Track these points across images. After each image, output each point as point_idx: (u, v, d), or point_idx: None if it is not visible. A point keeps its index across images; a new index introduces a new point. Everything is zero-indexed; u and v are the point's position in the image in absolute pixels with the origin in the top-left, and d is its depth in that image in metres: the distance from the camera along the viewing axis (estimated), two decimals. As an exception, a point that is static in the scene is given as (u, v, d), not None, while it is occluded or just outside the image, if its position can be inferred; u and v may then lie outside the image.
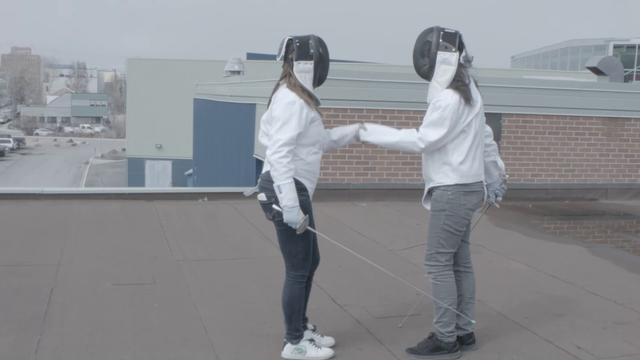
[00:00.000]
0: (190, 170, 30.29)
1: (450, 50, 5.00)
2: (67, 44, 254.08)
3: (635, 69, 49.52)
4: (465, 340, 5.32)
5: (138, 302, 6.23)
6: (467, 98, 4.97)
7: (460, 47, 5.03)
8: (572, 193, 13.44)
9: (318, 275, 5.20)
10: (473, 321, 5.34)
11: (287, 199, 4.67)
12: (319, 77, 4.99)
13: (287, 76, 4.93)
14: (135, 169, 46.54)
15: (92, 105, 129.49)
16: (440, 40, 5.01)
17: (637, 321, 6.16)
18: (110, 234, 8.97)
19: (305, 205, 4.84)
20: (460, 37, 5.03)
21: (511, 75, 36.82)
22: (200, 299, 6.37)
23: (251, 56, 44.27)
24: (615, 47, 52.21)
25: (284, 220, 4.73)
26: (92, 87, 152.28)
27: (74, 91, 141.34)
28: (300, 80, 4.89)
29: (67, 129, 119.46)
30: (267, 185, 4.84)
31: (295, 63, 4.88)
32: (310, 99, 4.91)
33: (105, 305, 6.10)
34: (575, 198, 13.41)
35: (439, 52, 5.01)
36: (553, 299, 6.74)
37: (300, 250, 4.96)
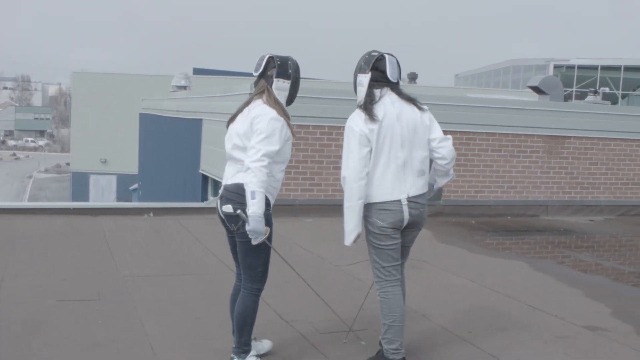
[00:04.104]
0: (135, 185, 30.01)
1: (364, 72, 5.15)
2: (11, 56, 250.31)
3: (574, 89, 50.44)
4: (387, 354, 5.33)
5: (83, 318, 6.18)
6: (370, 114, 5.02)
7: (378, 68, 5.12)
8: (514, 209, 13.66)
9: (265, 291, 5.23)
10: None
11: (258, 207, 4.70)
12: (290, 98, 5.15)
13: (266, 92, 5.05)
14: (80, 184, 45.88)
15: (36, 118, 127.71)
16: (362, 64, 5.18)
17: (577, 335, 6.30)
18: (55, 250, 8.88)
19: (268, 219, 4.90)
20: (378, 59, 5.14)
21: (455, 93, 37.27)
22: (147, 315, 6.34)
23: (198, 71, 44.07)
24: (556, 67, 53.14)
25: (248, 229, 4.74)
26: (37, 100, 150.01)
27: (17, 104, 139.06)
28: (278, 97, 5.05)
29: (10, 142, 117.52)
30: (234, 197, 4.90)
31: (275, 80, 5.04)
32: (286, 116, 5.02)
33: (51, 322, 6.04)
34: (517, 214, 13.63)
35: (358, 75, 5.20)
36: (496, 313, 6.86)
37: (261, 263, 5.03)
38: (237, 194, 4.89)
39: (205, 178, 15.93)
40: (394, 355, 5.12)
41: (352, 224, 5.04)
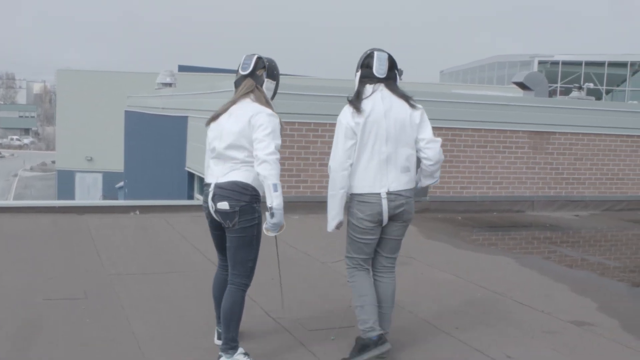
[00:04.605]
0: (121, 183, 29.94)
1: (357, 70, 5.38)
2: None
3: (559, 84, 50.63)
4: (371, 342, 5.34)
5: (70, 317, 6.15)
6: (356, 108, 5.20)
7: (367, 65, 5.31)
8: (500, 205, 13.69)
9: (251, 289, 5.24)
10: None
11: (281, 199, 4.86)
12: (272, 97, 5.34)
13: (256, 91, 5.17)
14: (65, 182, 45.69)
15: (21, 116, 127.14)
16: (359, 62, 5.38)
17: (564, 330, 6.33)
18: (41, 248, 8.84)
19: (259, 215, 5.09)
20: (367, 55, 5.35)
21: (440, 90, 37.34)
22: (134, 313, 6.33)
23: (183, 68, 43.94)
24: (540, 62, 53.27)
25: (274, 221, 4.89)
26: (21, 98, 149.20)
27: (2, 102, 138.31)
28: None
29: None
30: (230, 194, 4.96)
31: (265, 80, 5.23)
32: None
33: (37, 321, 6.01)
34: (503, 210, 13.67)
35: (356, 74, 5.40)
36: (483, 309, 6.88)
37: (252, 258, 5.12)
38: (233, 192, 4.96)
39: (191, 175, 15.90)
40: (369, 334, 5.22)
41: (334, 212, 5.26)
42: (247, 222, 5.00)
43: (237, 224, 4.98)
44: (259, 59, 5.25)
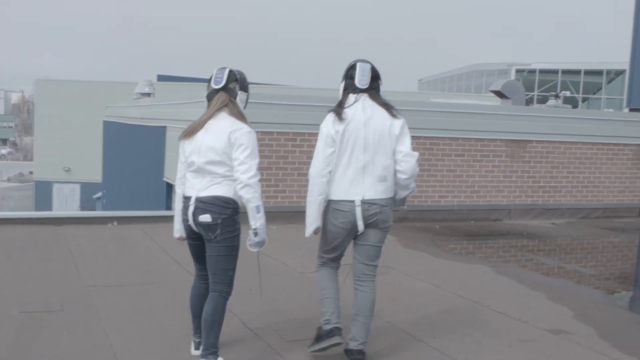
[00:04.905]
0: (99, 194, 29.80)
1: (342, 80, 5.56)
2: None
3: (536, 93, 50.95)
4: (347, 353, 5.49)
5: (47, 329, 6.12)
6: (337, 113, 5.38)
7: (351, 76, 5.49)
8: (478, 214, 13.77)
9: (229, 300, 5.26)
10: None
11: (263, 220, 5.15)
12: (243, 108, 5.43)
13: (230, 104, 5.26)
14: (43, 193, 45.40)
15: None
16: (344, 73, 5.58)
17: (540, 338, 6.37)
18: (18, 260, 8.79)
19: (238, 226, 5.26)
20: (351, 67, 5.52)
21: (418, 99, 37.45)
22: (111, 325, 6.31)
23: (162, 78, 43.89)
24: (517, 71, 53.59)
25: (258, 240, 5.16)
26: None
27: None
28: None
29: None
30: (212, 208, 5.09)
31: (239, 92, 5.33)
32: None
33: (14, 333, 5.98)
34: (480, 219, 13.75)
35: (341, 84, 5.58)
36: (460, 318, 6.92)
37: (232, 267, 5.27)
38: (215, 205, 5.10)
39: (169, 186, 15.86)
40: (325, 325, 5.50)
41: (312, 218, 5.46)
42: (229, 233, 5.15)
43: (219, 236, 5.12)
44: (231, 72, 5.33)
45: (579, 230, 13.24)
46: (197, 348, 5.49)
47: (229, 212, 5.12)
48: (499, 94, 16.07)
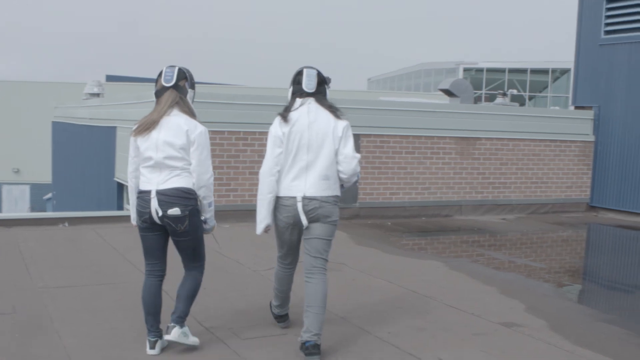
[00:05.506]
0: (50, 195, 29.42)
1: (290, 86, 5.89)
2: None
3: (483, 91, 51.38)
4: (302, 348, 5.55)
5: (-3, 332, 6.04)
6: (284, 116, 5.69)
7: (297, 81, 5.82)
8: (429, 210, 13.87)
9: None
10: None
11: (213, 211, 5.66)
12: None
13: (181, 102, 5.48)
14: (-8, 195, 44.72)
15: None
16: (292, 79, 5.89)
17: (493, 332, 6.44)
18: (-36, 263, 8.64)
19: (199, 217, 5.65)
20: (298, 73, 5.83)
21: (368, 97, 37.63)
22: (64, 326, 6.22)
23: (110, 78, 43.47)
24: (465, 70, 54.03)
25: (212, 224, 5.70)
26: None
27: None
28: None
29: None
30: (178, 200, 5.36)
31: (189, 90, 5.57)
32: None
33: (-38, 337, 5.88)
34: (431, 215, 13.85)
35: (289, 90, 5.91)
36: (414, 313, 6.96)
37: (203, 244, 5.70)
38: (180, 197, 5.37)
39: (120, 186, 15.72)
40: (274, 310, 6.30)
41: (261, 215, 5.74)
42: (196, 222, 5.51)
43: (188, 226, 5.41)
44: (180, 70, 5.52)
45: (528, 225, 13.41)
46: (152, 347, 5.48)
47: (193, 202, 5.42)
48: (448, 92, 16.20)
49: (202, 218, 5.59)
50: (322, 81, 5.83)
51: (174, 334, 5.50)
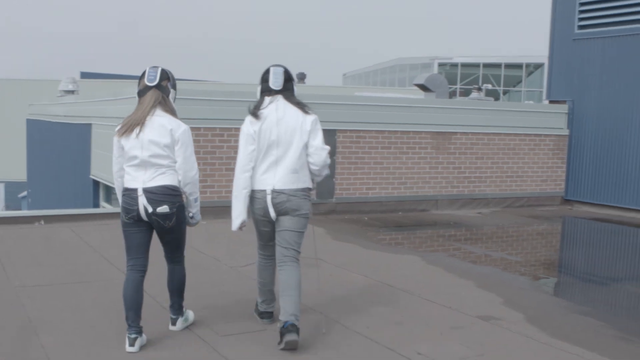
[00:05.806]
0: (25, 193, 29.19)
1: (259, 84, 6.04)
2: None
3: (458, 85, 51.61)
4: (281, 331, 5.62)
5: (-27, 331, 5.99)
6: (254, 114, 5.89)
7: (265, 80, 5.98)
8: (405, 205, 13.90)
9: (161, 297, 5.25)
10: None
11: (199, 206, 5.88)
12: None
13: (163, 102, 5.63)
14: (-35, 193, 44.22)
15: None
16: (260, 78, 6.05)
17: (471, 325, 6.48)
18: (-62, 263, 8.56)
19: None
20: (265, 71, 6.00)
21: (343, 93, 37.63)
22: (42, 325, 6.18)
23: (85, 75, 43.18)
24: (440, 65, 54.24)
25: (197, 220, 5.91)
26: None
27: None
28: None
29: None
30: (166, 198, 5.54)
31: (171, 90, 5.75)
32: None
33: (-62, 337, 5.83)
34: (408, 209, 13.89)
35: (257, 88, 6.07)
36: (392, 307, 6.98)
37: (185, 237, 5.95)
38: (167, 195, 5.55)
39: (96, 183, 15.64)
40: (259, 307, 6.39)
41: (237, 211, 5.89)
42: (182, 217, 5.74)
43: (175, 222, 5.61)
44: (163, 70, 5.67)
45: (504, 219, 13.49)
46: (132, 344, 5.47)
47: (179, 199, 5.63)
48: (423, 87, 16.24)
49: (190, 214, 5.83)
50: (289, 78, 6.00)
51: (179, 324, 6.01)
